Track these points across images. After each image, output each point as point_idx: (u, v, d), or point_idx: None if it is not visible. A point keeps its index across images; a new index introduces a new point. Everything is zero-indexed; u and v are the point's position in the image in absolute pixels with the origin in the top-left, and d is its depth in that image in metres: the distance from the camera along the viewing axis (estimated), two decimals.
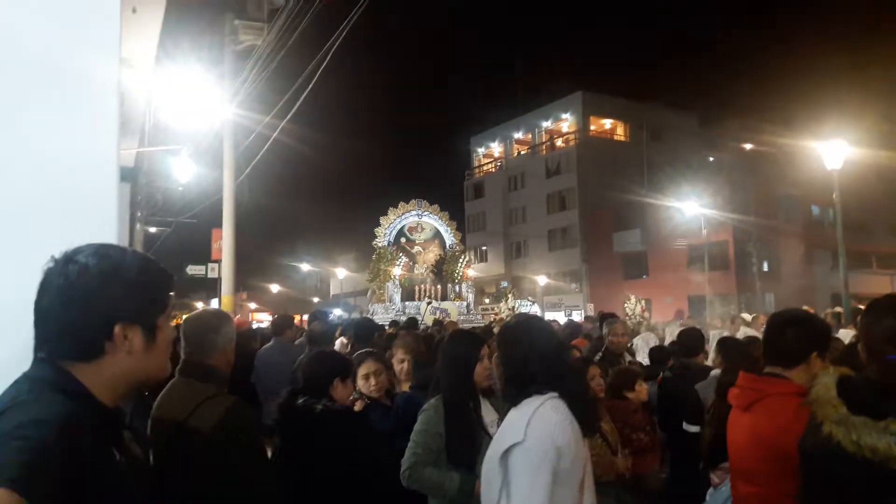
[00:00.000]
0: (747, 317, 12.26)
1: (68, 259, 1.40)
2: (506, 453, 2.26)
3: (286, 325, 7.22)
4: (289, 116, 10.54)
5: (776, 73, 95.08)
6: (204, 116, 11.67)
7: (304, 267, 61.84)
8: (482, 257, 53.63)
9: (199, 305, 37.86)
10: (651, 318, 16.25)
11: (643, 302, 17.11)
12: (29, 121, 1.67)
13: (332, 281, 65.91)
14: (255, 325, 17.23)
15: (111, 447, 1.40)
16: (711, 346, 6.67)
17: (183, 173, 12.46)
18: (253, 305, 41.06)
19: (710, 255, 33.71)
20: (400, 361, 4.66)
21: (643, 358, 7.93)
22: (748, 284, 35.26)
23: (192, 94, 10.58)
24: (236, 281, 11.70)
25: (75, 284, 1.37)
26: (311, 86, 10.10)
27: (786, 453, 2.17)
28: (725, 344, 5.20)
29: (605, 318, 7.64)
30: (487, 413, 3.39)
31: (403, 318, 13.74)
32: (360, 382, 4.16)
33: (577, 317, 31.23)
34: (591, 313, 32.03)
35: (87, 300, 1.37)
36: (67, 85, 1.69)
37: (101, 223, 1.69)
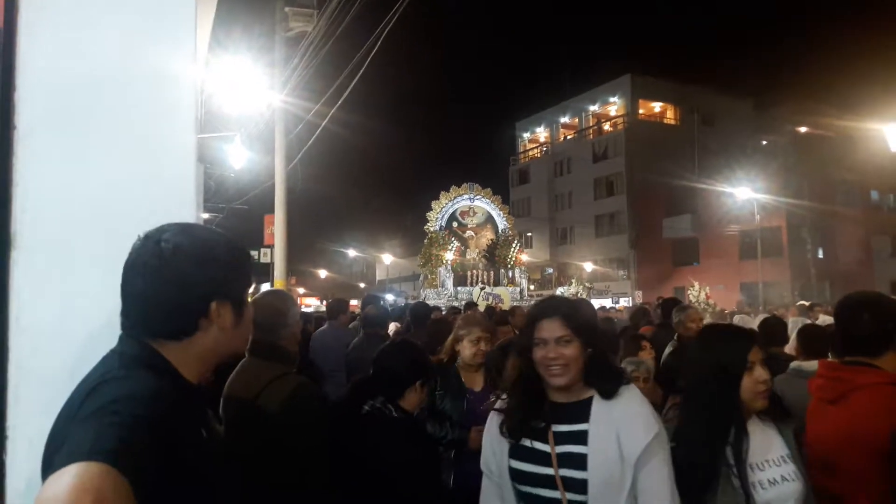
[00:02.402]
0: (806, 304, 11.94)
1: (157, 238, 1.41)
2: (645, 450, 2.04)
3: (340, 309, 7.34)
4: (339, 103, 10.63)
5: (833, 53, 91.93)
6: (255, 103, 11.85)
7: (351, 253, 62.51)
8: (527, 243, 53.24)
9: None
10: (716, 306, 15.50)
11: (707, 289, 16.42)
12: (114, 111, 1.74)
13: (378, 267, 66.50)
14: (303, 310, 17.44)
15: (198, 424, 1.44)
16: (792, 335, 6.32)
17: (236, 160, 12.70)
18: (301, 290, 41.66)
19: (763, 241, 32.95)
20: (475, 342, 4.09)
21: None
22: (802, 272, 34.35)
23: (244, 82, 10.75)
24: (287, 266, 11.92)
25: (170, 263, 1.39)
26: (360, 73, 10.16)
27: (885, 448, 2.10)
28: (807, 333, 4.94)
29: (668, 304, 7.17)
30: (761, 449, 2.25)
31: (455, 304, 13.69)
32: (467, 347, 4.02)
33: (625, 303, 30.86)
34: (640, 300, 31.65)
35: (185, 278, 1.40)
36: (149, 76, 1.77)
37: (181, 205, 1.75)
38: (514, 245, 25.50)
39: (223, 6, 6.53)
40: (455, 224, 25.85)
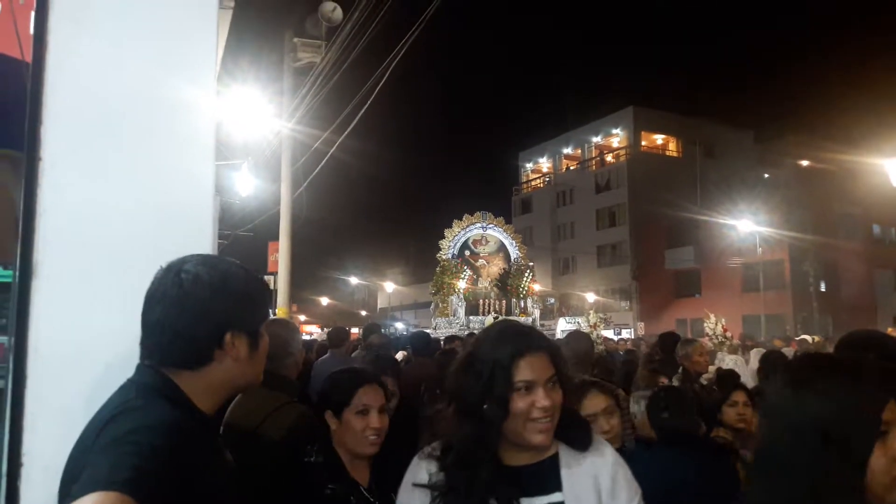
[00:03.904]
0: (808, 339, 11.89)
1: (178, 269, 1.44)
2: None
3: (343, 337, 7.34)
4: (345, 133, 10.74)
5: (834, 88, 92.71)
6: (262, 131, 11.97)
7: (353, 280, 62.47)
8: None
9: None
10: (734, 339, 15.08)
11: (724, 320, 16.08)
12: (136, 142, 1.78)
13: (380, 294, 66.40)
14: (304, 337, 17.43)
15: (212, 454, 1.45)
16: None
17: (243, 187, 12.79)
18: (302, 318, 41.59)
19: (765, 274, 32.93)
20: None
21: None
22: (805, 305, 34.27)
23: (252, 110, 10.88)
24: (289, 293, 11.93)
25: (189, 294, 1.41)
26: (367, 105, 10.28)
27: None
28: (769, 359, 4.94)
29: (666, 338, 7.03)
30: None
31: (466, 333, 13.63)
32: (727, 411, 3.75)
33: (627, 335, 30.72)
34: (642, 332, 31.46)
35: (201, 309, 1.42)
36: (171, 107, 1.82)
37: (199, 234, 1.79)
38: (526, 274, 25.36)
39: (232, 35, 6.65)
40: (467, 252, 25.78)
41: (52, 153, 1.70)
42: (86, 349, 1.68)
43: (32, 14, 1.81)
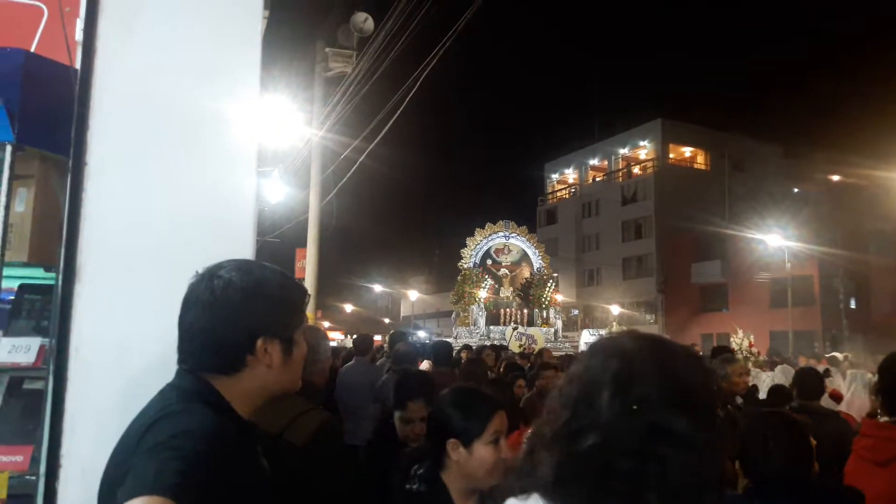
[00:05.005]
0: (839, 356, 11.66)
1: (212, 274, 1.44)
2: None
3: (368, 344, 7.35)
4: (374, 144, 10.81)
5: (865, 104, 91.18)
6: (293, 139, 12.09)
7: (377, 288, 62.63)
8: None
9: None
10: (760, 355, 14.74)
11: (752, 336, 15.71)
12: (180, 151, 1.81)
13: (402, 303, 66.50)
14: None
15: (252, 459, 1.45)
16: (848, 390, 5.97)
17: (273, 194, 12.91)
18: (327, 324, 41.77)
19: (794, 289, 32.39)
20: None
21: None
22: (834, 322, 33.60)
23: (284, 118, 11.00)
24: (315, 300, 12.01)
25: (220, 299, 1.40)
26: (396, 115, 10.35)
27: None
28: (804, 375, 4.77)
29: (716, 353, 6.51)
30: None
31: (487, 343, 13.54)
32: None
33: None
34: None
35: (232, 314, 1.41)
36: (216, 118, 1.85)
37: (239, 241, 1.80)
38: (549, 284, 25.04)
39: (265, 44, 6.73)
40: (489, 262, 25.50)
41: (97, 159, 1.73)
42: (126, 352, 1.70)
43: (79, 21, 1.84)
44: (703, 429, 1.04)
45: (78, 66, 1.76)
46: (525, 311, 23.97)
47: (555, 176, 59.90)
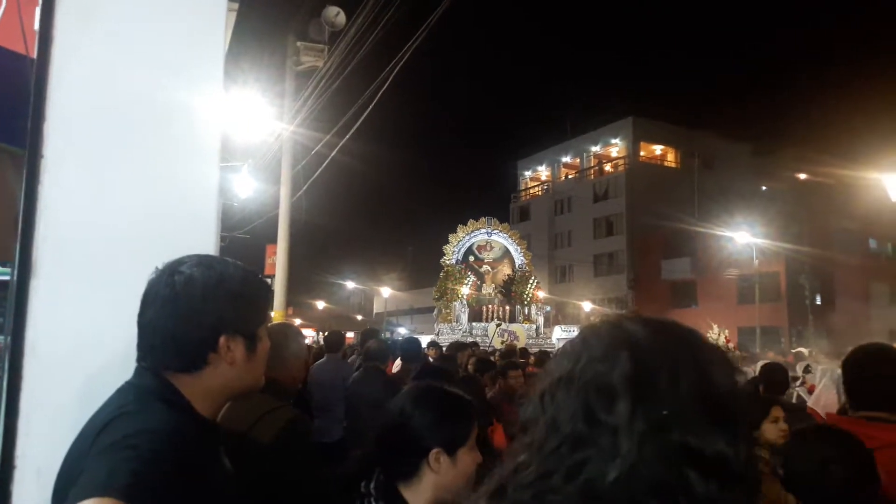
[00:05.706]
0: (805, 351, 11.89)
1: (173, 270, 1.41)
2: None
3: (339, 341, 7.30)
4: (346, 138, 10.75)
5: (833, 103, 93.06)
6: (262, 133, 11.96)
7: (349, 285, 62.34)
8: None
9: None
10: (736, 350, 14.96)
11: (727, 332, 15.88)
12: (140, 142, 1.77)
13: (376, 299, 66.29)
14: None
15: (213, 459, 1.42)
16: (819, 383, 6.06)
17: (243, 189, 12.78)
18: (298, 321, 41.46)
19: (761, 286, 32.96)
20: None
21: None
22: (800, 317, 34.31)
23: (253, 112, 10.87)
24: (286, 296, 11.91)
25: (181, 295, 1.37)
26: (368, 110, 10.30)
27: None
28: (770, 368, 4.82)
29: None
30: None
31: (469, 339, 13.49)
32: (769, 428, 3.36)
33: None
34: None
35: (194, 311, 1.38)
36: (177, 109, 1.80)
37: (202, 236, 1.76)
38: (531, 281, 25.15)
39: (235, 37, 6.64)
40: (472, 258, 25.57)
41: (54, 151, 1.68)
42: (83, 350, 1.65)
43: (37, 10, 1.79)
44: (745, 451, 0.76)
45: (35, 55, 1.70)
46: (507, 307, 23.98)
47: (527, 173, 60.16)
